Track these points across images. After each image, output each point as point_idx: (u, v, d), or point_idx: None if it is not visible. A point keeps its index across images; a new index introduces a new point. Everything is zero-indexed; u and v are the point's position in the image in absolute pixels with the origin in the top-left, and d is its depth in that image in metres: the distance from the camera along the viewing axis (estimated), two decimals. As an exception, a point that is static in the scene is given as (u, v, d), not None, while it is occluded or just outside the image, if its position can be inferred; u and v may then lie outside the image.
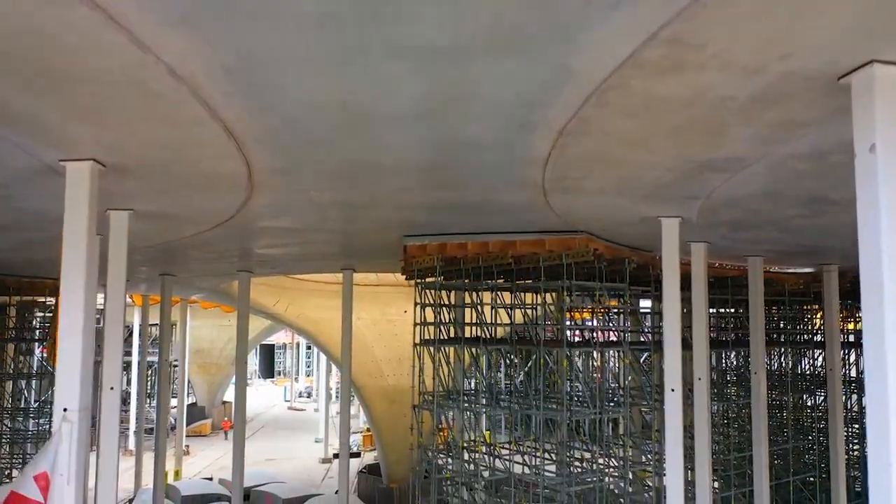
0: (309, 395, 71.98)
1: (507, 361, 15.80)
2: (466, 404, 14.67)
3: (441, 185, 9.13)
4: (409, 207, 10.76)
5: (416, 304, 14.53)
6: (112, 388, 9.75)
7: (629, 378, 14.77)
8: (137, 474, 31.32)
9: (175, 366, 47.81)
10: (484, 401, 14.89)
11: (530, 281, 14.08)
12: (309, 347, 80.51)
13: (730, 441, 17.73)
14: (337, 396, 63.46)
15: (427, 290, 14.50)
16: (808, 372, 21.52)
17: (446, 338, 14.81)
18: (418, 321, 14.51)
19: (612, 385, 16.70)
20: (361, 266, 18.69)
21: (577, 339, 16.54)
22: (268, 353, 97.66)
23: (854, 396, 21.05)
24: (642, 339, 15.96)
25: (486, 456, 15.30)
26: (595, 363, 14.74)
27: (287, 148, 7.07)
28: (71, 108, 5.65)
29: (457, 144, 6.91)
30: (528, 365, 16.15)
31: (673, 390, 10.06)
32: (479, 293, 14.25)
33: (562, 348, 12.67)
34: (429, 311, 14.90)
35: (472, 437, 15.65)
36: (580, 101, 5.40)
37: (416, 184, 8.86)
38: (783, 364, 20.88)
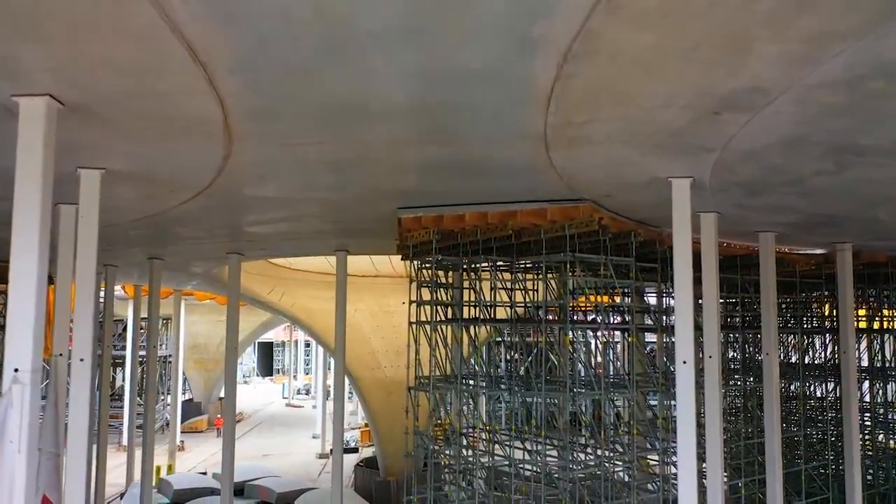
0: (308, 393, 71.28)
1: (508, 343, 15.08)
2: (464, 387, 14.00)
3: (434, 138, 8.45)
4: (402, 170, 10.10)
5: (410, 280, 13.86)
6: (82, 360, 9.10)
7: (634, 360, 14.09)
8: (129, 469, 30.80)
9: (169, 362, 47.23)
10: (483, 384, 14.21)
11: (532, 257, 13.38)
12: (308, 345, 79.89)
13: (738, 428, 17.05)
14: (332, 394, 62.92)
15: (423, 269, 13.84)
16: (817, 359, 20.89)
17: (444, 318, 14.14)
18: (414, 298, 13.85)
19: (617, 365, 15.98)
20: (355, 248, 18.01)
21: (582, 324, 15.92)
22: (266, 351, 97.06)
23: (866, 384, 20.34)
24: (648, 322, 15.26)
25: (484, 441, 14.63)
26: (599, 343, 14.04)
27: (262, 82, 6.39)
28: (12, 17, 4.98)
29: (448, 75, 6.23)
30: (530, 348, 15.50)
31: (685, 362, 9.38)
32: (478, 270, 13.57)
33: (564, 325, 11.98)
34: (426, 290, 14.26)
35: (472, 423, 14.98)
36: (588, 5, 4.72)
37: (407, 134, 8.19)
38: (792, 352, 20.23)
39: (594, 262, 12.82)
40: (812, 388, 20.38)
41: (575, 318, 13.46)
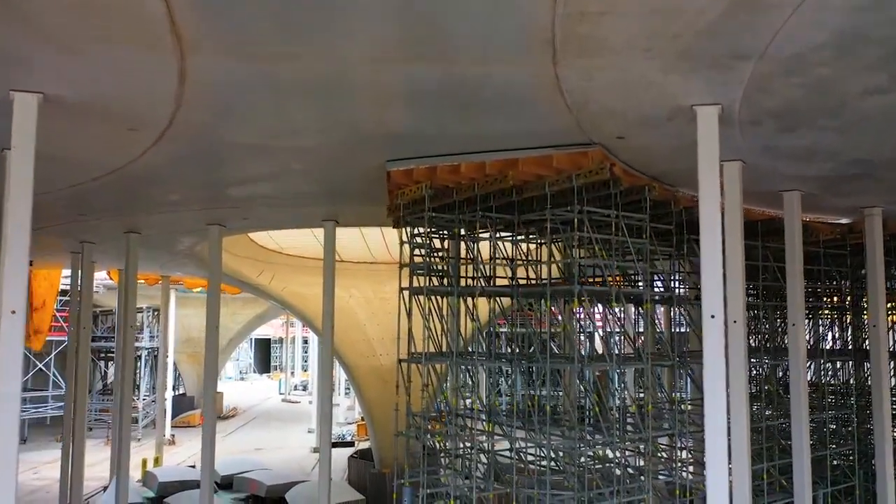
0: (305, 389, 70.06)
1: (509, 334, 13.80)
2: (461, 360, 12.76)
3: (421, 51, 7.22)
4: (387, 101, 8.85)
5: (401, 242, 12.63)
6: (14, 313, 7.87)
7: (648, 333, 12.83)
8: (113, 462, 29.67)
9: (155, 355, 46.08)
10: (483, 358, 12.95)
11: (535, 215, 12.12)
12: (305, 342, 78.62)
13: (760, 410, 15.77)
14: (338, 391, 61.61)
15: (414, 230, 12.59)
16: (836, 343, 19.67)
17: (438, 285, 12.90)
18: (405, 262, 12.62)
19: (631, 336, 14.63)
20: (344, 218, 16.75)
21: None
22: (264, 348, 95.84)
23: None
24: (661, 290, 13.96)
25: (483, 422, 13.39)
26: (610, 310, 12.75)
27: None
28: None
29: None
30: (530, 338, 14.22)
31: (713, 317, 8.14)
32: (476, 234, 12.29)
33: (573, 286, 10.72)
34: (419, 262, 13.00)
35: (470, 403, 13.74)
36: None
37: (388, 41, 6.96)
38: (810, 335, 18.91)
39: (604, 220, 11.56)
40: (834, 373, 19.12)
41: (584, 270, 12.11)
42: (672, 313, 15.92)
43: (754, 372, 16.81)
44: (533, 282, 13.95)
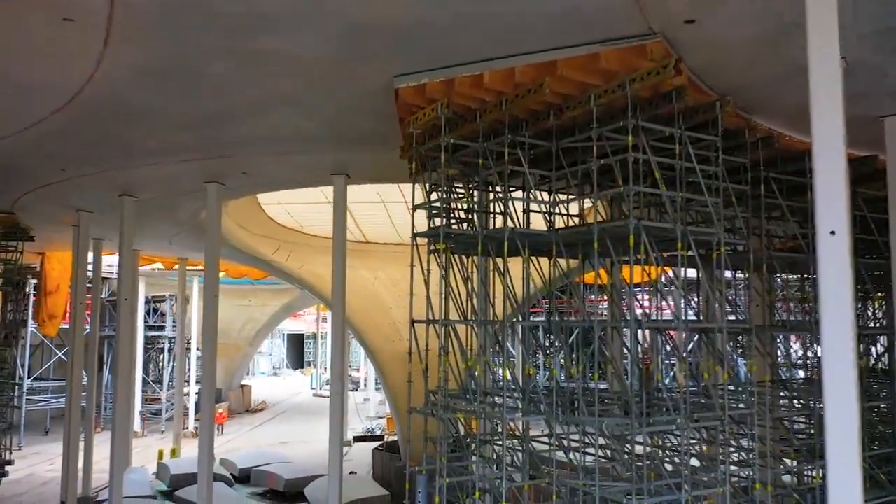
0: (336, 384, 68.33)
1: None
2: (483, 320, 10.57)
3: None
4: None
5: (414, 180, 10.50)
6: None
7: (712, 284, 10.42)
8: (126, 454, 28.22)
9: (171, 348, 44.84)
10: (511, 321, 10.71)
11: (575, 139, 9.82)
12: (339, 336, 76.88)
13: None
14: (362, 385, 59.80)
15: (430, 161, 10.42)
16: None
17: (459, 230, 10.72)
18: (419, 203, 10.50)
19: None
20: (355, 169, 14.64)
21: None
22: (296, 344, 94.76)
23: None
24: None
25: (516, 400, 11.19)
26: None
27: None
28: None
29: None
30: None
31: (833, 233, 5.81)
32: (505, 172, 9.98)
33: (626, 222, 8.39)
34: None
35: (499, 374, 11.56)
36: None
37: None
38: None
39: (663, 147, 9.20)
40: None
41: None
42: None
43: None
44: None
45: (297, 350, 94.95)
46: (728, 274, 13.57)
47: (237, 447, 36.80)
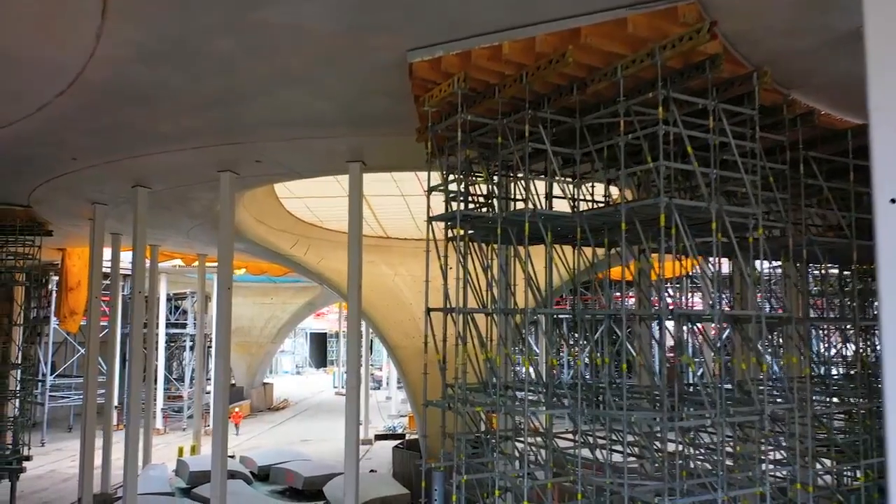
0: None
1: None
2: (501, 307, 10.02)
3: None
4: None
5: (429, 158, 9.98)
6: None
7: (751, 270, 9.70)
8: (146, 451, 28.21)
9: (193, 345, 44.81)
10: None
11: (600, 115, 9.21)
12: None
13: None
14: (382, 384, 59.48)
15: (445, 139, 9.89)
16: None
17: (477, 211, 10.16)
18: (435, 185, 9.98)
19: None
20: (371, 156, 14.14)
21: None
22: (319, 343, 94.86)
23: None
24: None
25: (539, 394, 10.62)
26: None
27: None
28: None
29: None
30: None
31: (894, 201, 5.17)
32: (525, 140, 9.35)
33: (657, 200, 7.78)
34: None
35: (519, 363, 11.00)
36: None
37: None
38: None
39: (694, 122, 8.56)
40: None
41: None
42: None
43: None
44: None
45: (320, 349, 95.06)
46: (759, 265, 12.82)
47: (258, 445, 36.62)
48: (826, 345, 17.00)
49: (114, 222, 20.42)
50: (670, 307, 9.21)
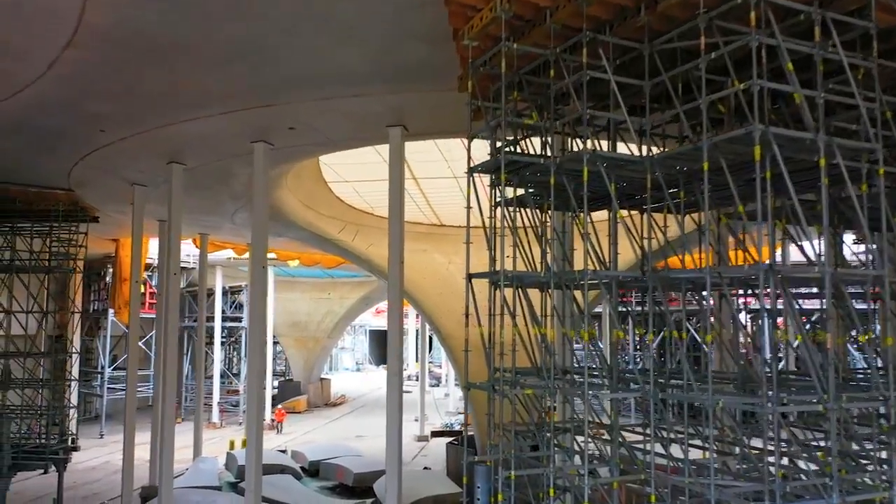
0: (418, 379, 67.40)
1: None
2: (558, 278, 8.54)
3: None
4: None
5: (470, 105, 8.60)
6: None
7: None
8: (196, 444, 27.82)
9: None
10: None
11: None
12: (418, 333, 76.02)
13: None
14: (444, 381, 58.39)
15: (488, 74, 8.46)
16: None
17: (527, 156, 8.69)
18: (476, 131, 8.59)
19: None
20: (414, 119, 12.84)
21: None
22: (380, 340, 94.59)
23: None
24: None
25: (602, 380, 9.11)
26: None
27: None
28: None
29: None
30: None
31: None
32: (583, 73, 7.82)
33: (748, 133, 6.19)
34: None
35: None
36: None
37: None
38: None
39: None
40: None
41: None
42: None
43: None
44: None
45: (380, 346, 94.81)
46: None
47: (312, 440, 35.96)
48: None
49: (158, 207, 19.80)
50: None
